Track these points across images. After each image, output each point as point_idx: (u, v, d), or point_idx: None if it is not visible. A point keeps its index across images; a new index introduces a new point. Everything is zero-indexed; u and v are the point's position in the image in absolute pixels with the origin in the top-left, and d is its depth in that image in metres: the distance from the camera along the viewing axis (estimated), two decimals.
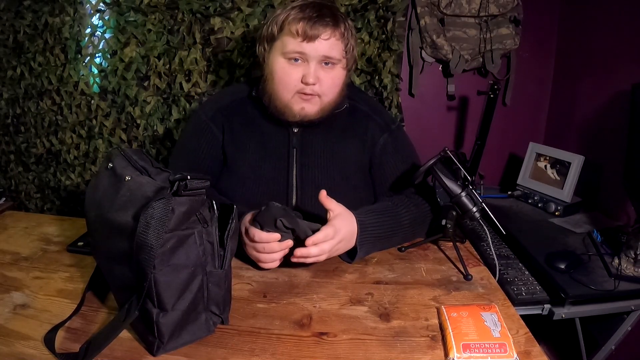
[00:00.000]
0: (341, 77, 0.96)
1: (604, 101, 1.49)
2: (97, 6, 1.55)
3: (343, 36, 0.92)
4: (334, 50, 0.91)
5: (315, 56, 0.90)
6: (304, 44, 0.89)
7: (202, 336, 0.69)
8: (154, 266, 0.60)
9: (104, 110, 1.64)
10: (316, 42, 0.89)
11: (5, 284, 0.83)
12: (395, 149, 1.06)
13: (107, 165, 0.72)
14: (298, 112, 0.94)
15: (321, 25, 0.88)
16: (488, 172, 1.75)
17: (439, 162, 0.91)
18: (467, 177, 0.96)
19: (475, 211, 0.88)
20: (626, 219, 1.37)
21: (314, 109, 0.95)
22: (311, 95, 0.93)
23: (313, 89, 0.92)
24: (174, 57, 1.55)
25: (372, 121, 1.04)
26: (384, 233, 0.94)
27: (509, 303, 0.81)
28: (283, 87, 0.93)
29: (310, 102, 0.94)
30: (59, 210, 1.81)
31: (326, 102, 0.95)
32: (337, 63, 0.93)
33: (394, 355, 0.67)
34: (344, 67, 0.96)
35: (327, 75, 0.93)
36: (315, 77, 0.91)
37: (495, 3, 1.56)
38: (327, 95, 0.94)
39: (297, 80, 0.91)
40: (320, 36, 0.88)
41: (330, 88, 0.94)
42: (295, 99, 0.94)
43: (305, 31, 0.88)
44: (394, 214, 0.96)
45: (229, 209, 0.71)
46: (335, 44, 0.91)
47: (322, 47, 0.89)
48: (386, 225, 0.94)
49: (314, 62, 0.91)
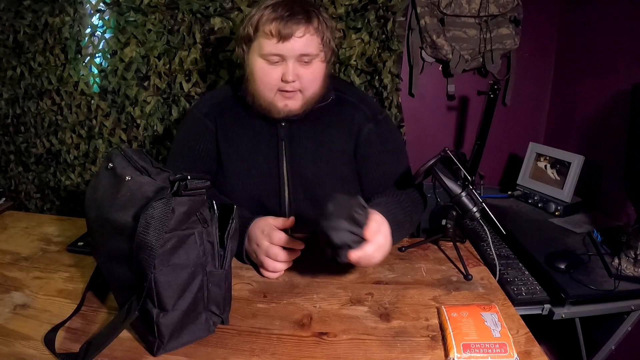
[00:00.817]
0: (321, 71, 0.96)
1: (604, 101, 1.49)
2: (97, 6, 1.55)
3: (317, 30, 0.92)
4: (310, 46, 0.91)
5: (292, 55, 0.91)
6: (280, 45, 0.89)
7: (202, 336, 0.69)
8: (154, 266, 0.60)
9: (104, 110, 1.64)
10: (291, 40, 0.89)
11: (5, 284, 0.83)
12: (381, 139, 1.04)
13: (107, 165, 0.72)
14: (282, 109, 0.96)
15: (294, 24, 0.88)
16: (488, 172, 1.75)
17: (439, 162, 0.91)
18: (467, 177, 0.96)
19: (476, 211, 0.88)
20: (626, 219, 1.37)
21: (297, 104, 0.96)
22: (292, 92, 0.94)
23: (293, 85, 0.93)
24: (174, 57, 1.55)
25: (358, 111, 1.04)
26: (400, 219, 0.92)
27: (509, 303, 0.81)
28: (264, 87, 0.94)
29: (293, 98, 0.95)
30: (59, 210, 1.81)
31: (308, 96, 0.96)
32: (315, 58, 0.94)
33: (394, 355, 0.67)
34: (323, 60, 0.96)
35: (306, 70, 0.93)
36: (294, 74, 0.92)
37: (495, 3, 1.56)
38: (308, 89, 0.95)
39: (277, 80, 0.93)
40: (294, 34, 0.89)
41: (310, 82, 0.95)
42: (278, 97, 0.95)
43: (279, 31, 0.88)
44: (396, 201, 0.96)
45: (229, 209, 0.71)
46: (310, 39, 0.91)
47: (297, 45, 0.90)
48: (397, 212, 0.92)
49: (291, 61, 0.91)
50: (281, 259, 0.85)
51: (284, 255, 0.85)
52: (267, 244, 0.85)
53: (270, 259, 0.85)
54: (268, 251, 0.85)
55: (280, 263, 0.86)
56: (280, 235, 0.85)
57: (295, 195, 1.03)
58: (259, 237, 0.86)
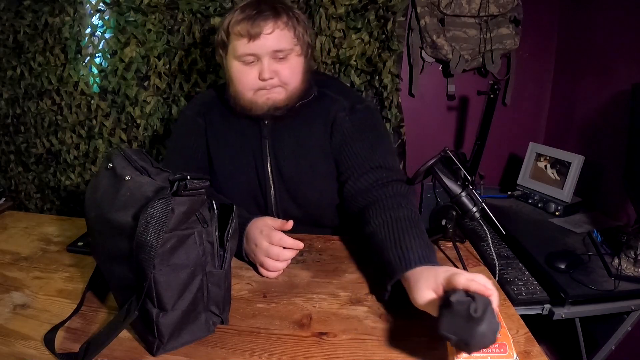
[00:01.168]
0: (299, 65, 0.96)
1: (604, 101, 1.49)
2: (97, 6, 1.55)
3: (287, 24, 0.92)
4: (282, 41, 0.91)
5: (265, 52, 0.91)
6: (251, 44, 0.90)
7: (202, 336, 0.69)
8: (153, 266, 0.60)
9: (104, 110, 1.64)
10: (261, 38, 0.89)
11: (5, 284, 0.83)
12: (356, 127, 0.99)
13: (107, 166, 0.72)
14: (264, 103, 0.95)
15: (261, 20, 0.89)
16: (488, 172, 1.75)
17: (439, 162, 0.91)
18: (467, 177, 0.96)
19: (475, 211, 0.88)
20: (626, 219, 1.37)
21: (280, 97, 0.96)
22: (272, 88, 0.94)
23: (272, 83, 0.93)
24: (174, 57, 1.55)
25: (336, 103, 1.01)
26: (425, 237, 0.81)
27: (509, 303, 0.81)
28: (243, 88, 0.95)
29: (274, 92, 0.95)
30: (59, 210, 1.81)
31: (291, 89, 0.96)
32: (290, 52, 0.93)
33: (394, 355, 0.67)
34: (299, 54, 0.95)
35: (283, 66, 0.93)
36: (271, 71, 0.92)
37: (495, 3, 1.56)
38: (289, 83, 0.95)
39: (255, 79, 0.93)
40: (263, 31, 0.89)
41: (290, 77, 0.95)
42: (257, 94, 0.95)
43: (248, 30, 0.89)
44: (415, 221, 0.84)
45: (228, 208, 0.71)
46: (280, 34, 0.91)
47: (269, 42, 0.90)
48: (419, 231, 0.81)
49: (266, 58, 0.92)
50: (282, 258, 0.85)
51: (284, 255, 0.85)
52: (266, 245, 0.85)
53: (271, 259, 0.85)
54: (268, 252, 0.85)
55: (280, 263, 0.86)
56: (280, 235, 0.85)
57: (280, 193, 1.03)
58: (257, 238, 0.86)
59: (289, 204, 1.04)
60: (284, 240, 0.84)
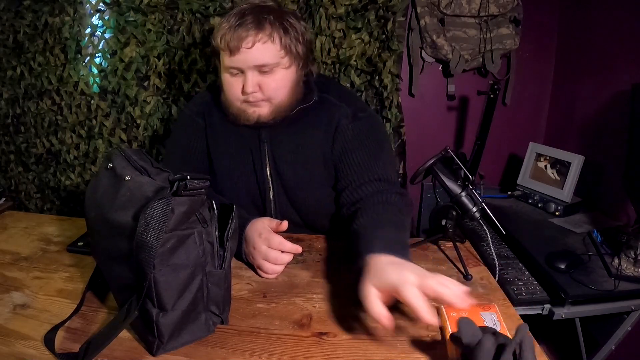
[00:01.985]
0: (286, 78, 0.92)
1: (604, 101, 1.49)
2: (97, 6, 1.55)
3: (271, 37, 0.87)
4: (265, 56, 0.87)
5: (247, 67, 0.88)
6: (233, 58, 0.88)
7: (202, 336, 0.69)
8: (153, 266, 0.60)
9: (104, 110, 1.64)
10: (241, 52, 0.86)
11: (5, 284, 0.83)
12: (358, 136, 0.98)
13: (107, 166, 0.72)
14: (251, 115, 0.94)
15: (242, 32, 0.85)
16: (488, 172, 1.75)
17: (439, 162, 0.91)
18: (467, 176, 0.96)
19: (475, 211, 0.88)
20: (626, 219, 1.37)
21: (264, 111, 0.94)
22: (256, 102, 0.92)
23: (255, 96, 0.91)
24: (173, 57, 1.55)
25: (338, 109, 0.99)
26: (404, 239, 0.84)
27: (509, 303, 0.81)
28: (231, 98, 0.94)
29: (259, 106, 0.93)
30: (59, 210, 1.81)
31: (276, 103, 0.93)
32: (275, 66, 0.90)
33: (394, 355, 0.67)
34: (287, 66, 0.91)
35: (269, 79, 0.90)
36: (254, 85, 0.89)
37: (495, 3, 1.56)
38: (275, 97, 0.92)
39: (239, 91, 0.91)
40: (242, 46, 0.86)
41: (275, 91, 0.92)
42: (245, 105, 0.94)
43: (228, 43, 0.86)
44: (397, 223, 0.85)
45: (228, 208, 0.71)
46: (263, 48, 0.87)
47: (250, 57, 0.87)
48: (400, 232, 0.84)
49: (249, 72, 0.89)
50: (279, 262, 0.85)
51: (282, 258, 0.85)
52: (265, 248, 0.84)
53: (269, 263, 0.85)
54: (267, 255, 0.84)
55: (278, 266, 0.86)
56: (278, 239, 0.84)
57: (279, 197, 1.03)
58: (256, 241, 0.86)
59: (288, 208, 1.04)
60: (283, 245, 0.84)
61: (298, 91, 0.97)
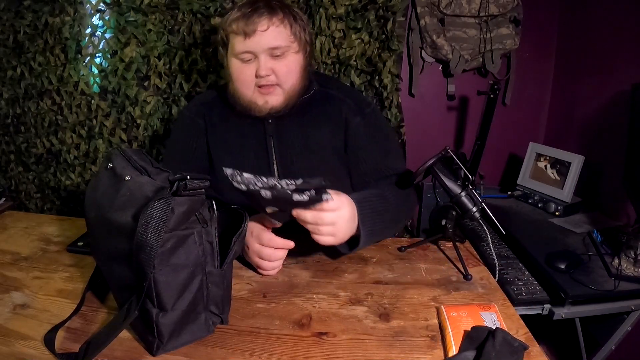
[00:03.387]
0: (296, 62, 0.96)
1: (604, 101, 1.49)
2: (97, 6, 1.55)
3: (283, 22, 0.92)
4: (277, 39, 0.92)
5: (261, 50, 0.92)
6: (247, 41, 0.91)
7: (202, 336, 0.69)
8: (153, 266, 0.60)
9: (104, 110, 1.64)
10: (256, 35, 0.90)
11: (5, 284, 0.83)
12: (369, 132, 1.04)
13: (107, 165, 0.72)
14: (263, 106, 0.96)
15: (256, 17, 0.89)
16: (488, 172, 1.75)
17: (439, 162, 0.91)
18: (467, 176, 0.96)
19: (475, 211, 0.88)
20: (626, 219, 1.37)
21: (278, 100, 0.96)
22: (271, 87, 0.94)
23: (269, 79, 0.93)
24: (174, 57, 1.55)
25: (345, 105, 1.04)
26: (377, 209, 0.90)
27: (508, 303, 0.81)
28: (241, 85, 0.96)
29: (272, 94, 0.95)
30: (59, 210, 1.81)
31: (287, 89, 0.96)
32: (287, 50, 0.93)
33: (394, 355, 0.67)
34: (296, 51, 0.96)
35: (280, 63, 0.94)
36: (267, 68, 0.92)
37: (495, 3, 1.56)
38: (286, 82, 0.95)
39: (252, 76, 0.94)
40: (258, 28, 0.90)
41: (286, 75, 0.95)
42: (257, 94, 0.95)
43: (243, 28, 0.90)
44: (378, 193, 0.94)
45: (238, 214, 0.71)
46: (276, 31, 0.91)
47: (264, 40, 0.91)
48: (375, 200, 0.91)
49: (262, 55, 0.92)
50: (274, 259, 0.86)
51: (275, 255, 0.85)
52: (258, 246, 0.85)
53: (264, 261, 0.85)
54: (260, 253, 0.85)
55: (274, 262, 0.86)
56: (269, 236, 0.85)
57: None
58: (248, 240, 0.86)
59: None
60: (273, 241, 0.84)
61: (305, 78, 0.99)
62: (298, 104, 0.99)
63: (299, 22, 0.96)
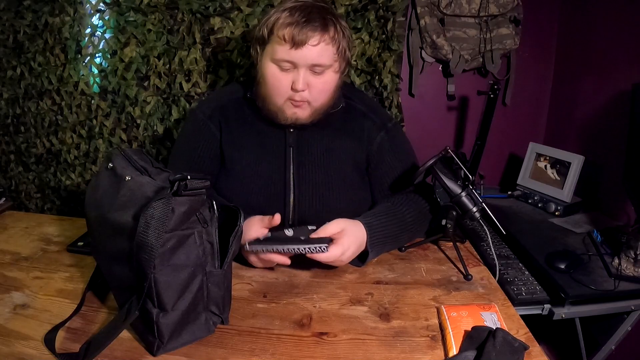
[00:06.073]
0: (332, 82, 0.94)
1: (604, 101, 1.49)
2: (97, 6, 1.55)
3: (333, 40, 0.89)
4: (323, 56, 0.89)
5: (304, 63, 0.89)
6: (292, 52, 0.87)
7: (202, 336, 0.69)
8: (154, 266, 0.60)
9: (104, 110, 1.64)
10: (304, 48, 0.87)
11: (5, 284, 0.83)
12: (392, 147, 1.05)
13: (108, 165, 0.72)
14: (290, 117, 0.95)
15: (309, 30, 0.86)
16: (488, 172, 1.75)
17: (439, 162, 0.91)
18: (467, 176, 0.96)
19: (475, 211, 0.88)
20: (626, 219, 1.37)
21: (305, 114, 0.95)
22: (301, 102, 0.93)
23: (302, 95, 0.91)
24: (173, 57, 1.55)
25: (368, 120, 1.04)
26: (391, 233, 0.93)
27: (509, 303, 0.81)
28: (274, 93, 0.93)
29: (301, 107, 0.94)
30: (59, 210, 1.81)
31: (316, 107, 0.95)
32: (327, 68, 0.91)
33: (394, 355, 0.67)
34: (336, 70, 0.94)
35: (318, 80, 0.91)
36: (305, 83, 0.90)
37: (495, 3, 1.56)
38: (317, 100, 0.94)
39: (287, 87, 0.91)
40: (308, 42, 0.86)
41: (320, 93, 0.93)
42: (287, 104, 0.94)
43: (293, 37, 0.86)
44: (397, 213, 0.96)
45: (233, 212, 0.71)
46: (324, 49, 0.88)
47: (310, 55, 0.88)
48: (392, 225, 0.94)
49: (303, 69, 0.89)
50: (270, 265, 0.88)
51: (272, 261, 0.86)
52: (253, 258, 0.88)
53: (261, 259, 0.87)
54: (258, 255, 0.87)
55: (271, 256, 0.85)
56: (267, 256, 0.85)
57: (301, 201, 1.01)
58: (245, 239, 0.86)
59: (308, 211, 1.01)
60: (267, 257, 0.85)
61: (336, 97, 0.98)
62: (323, 117, 0.98)
63: (347, 40, 0.93)
